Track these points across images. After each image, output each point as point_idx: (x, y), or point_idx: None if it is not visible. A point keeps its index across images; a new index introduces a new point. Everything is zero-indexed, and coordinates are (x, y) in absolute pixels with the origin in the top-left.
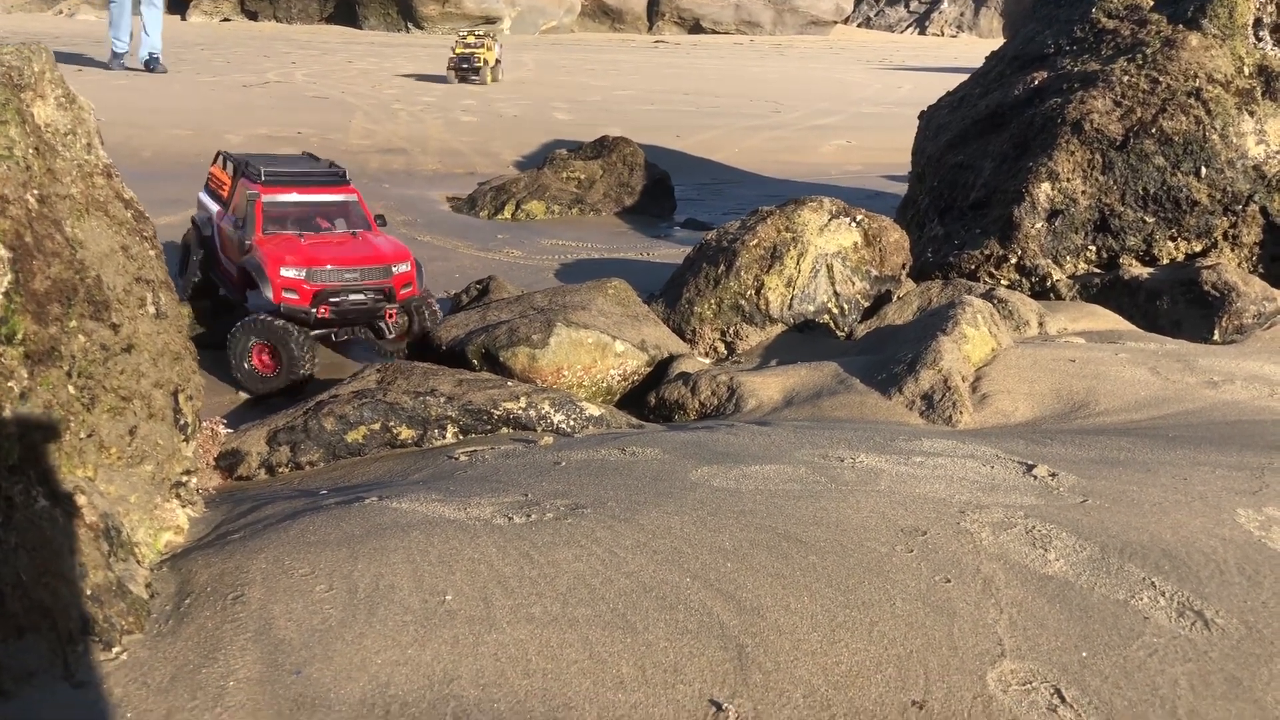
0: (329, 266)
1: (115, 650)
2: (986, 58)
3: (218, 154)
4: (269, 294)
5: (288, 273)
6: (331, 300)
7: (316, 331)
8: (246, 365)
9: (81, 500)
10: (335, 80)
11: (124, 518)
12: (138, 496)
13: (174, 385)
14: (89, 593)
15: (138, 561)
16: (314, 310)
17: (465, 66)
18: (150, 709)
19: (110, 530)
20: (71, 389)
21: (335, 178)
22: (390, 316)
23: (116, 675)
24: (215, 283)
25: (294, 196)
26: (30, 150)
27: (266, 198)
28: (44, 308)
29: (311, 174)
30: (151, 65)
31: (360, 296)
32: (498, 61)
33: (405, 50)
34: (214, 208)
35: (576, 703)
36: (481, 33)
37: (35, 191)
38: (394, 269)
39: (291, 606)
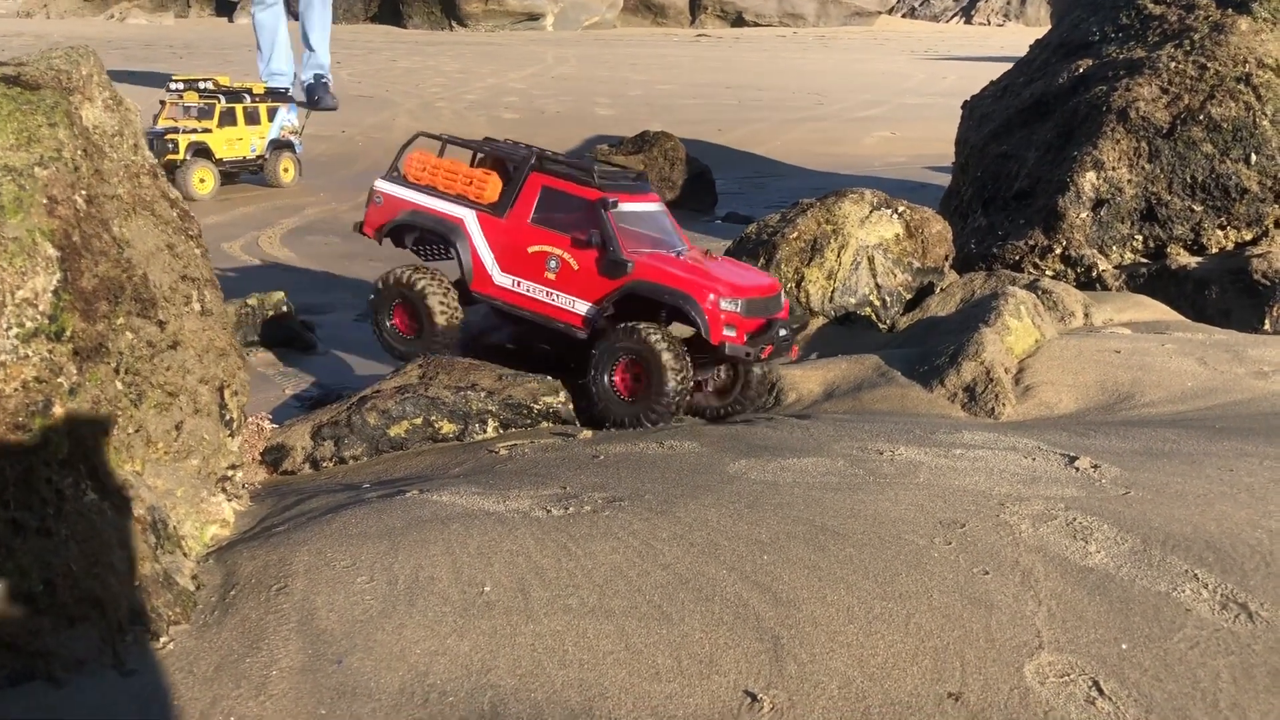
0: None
1: (162, 640)
2: (1031, 46)
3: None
4: None
5: None
6: None
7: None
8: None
9: (130, 494)
10: (380, 79)
11: (171, 511)
12: (184, 490)
13: (219, 381)
14: (137, 584)
15: (184, 554)
16: None
17: None
18: (196, 697)
19: (158, 523)
20: (119, 385)
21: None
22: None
23: (164, 664)
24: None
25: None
26: (79, 152)
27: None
28: (92, 305)
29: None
30: (316, 94)
31: None
32: (287, 143)
33: (450, 48)
34: (464, 212)
35: (612, 693)
36: (209, 88)
37: (83, 192)
38: None
39: (333, 598)
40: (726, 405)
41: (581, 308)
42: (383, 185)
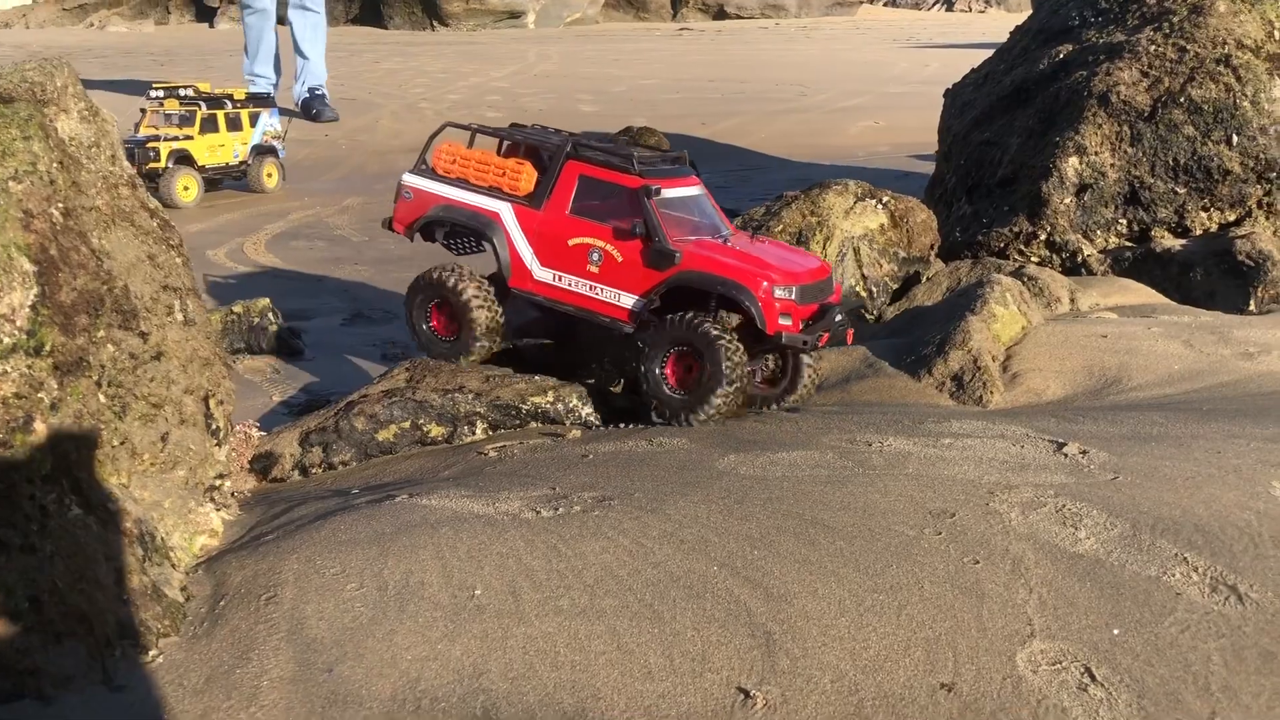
0: None
1: (152, 653)
2: (1011, 32)
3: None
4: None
5: None
6: None
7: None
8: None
9: (116, 507)
10: (362, 82)
11: (158, 523)
12: (171, 501)
13: (204, 391)
14: (125, 597)
15: (173, 565)
16: None
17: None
18: (186, 710)
19: (145, 536)
20: (102, 398)
21: None
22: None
23: (153, 678)
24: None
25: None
26: (54, 164)
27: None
28: (71, 319)
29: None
30: (314, 107)
31: None
32: (270, 149)
33: (432, 49)
34: (499, 205)
35: (605, 693)
36: (189, 95)
37: (60, 205)
38: None
39: (323, 606)
40: (777, 394)
41: (628, 301)
42: (411, 179)
